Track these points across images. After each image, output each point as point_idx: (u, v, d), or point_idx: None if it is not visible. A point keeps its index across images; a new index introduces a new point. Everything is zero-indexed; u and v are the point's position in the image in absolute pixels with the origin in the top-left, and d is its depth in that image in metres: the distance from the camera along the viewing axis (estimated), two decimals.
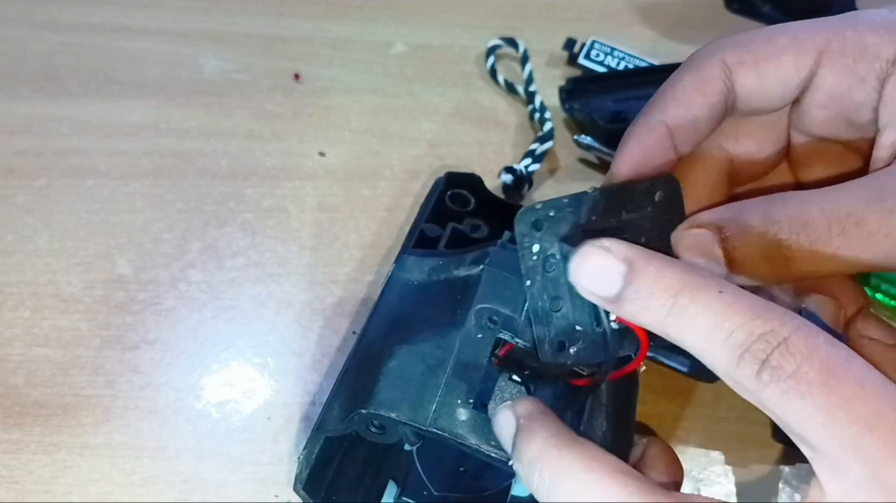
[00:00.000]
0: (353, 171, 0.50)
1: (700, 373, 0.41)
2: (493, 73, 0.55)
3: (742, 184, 0.31)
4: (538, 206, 0.26)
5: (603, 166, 0.51)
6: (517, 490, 0.35)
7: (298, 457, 0.34)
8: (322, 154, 0.51)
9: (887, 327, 0.28)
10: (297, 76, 0.54)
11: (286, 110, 0.52)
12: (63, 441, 0.39)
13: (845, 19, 0.27)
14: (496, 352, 0.32)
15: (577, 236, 0.26)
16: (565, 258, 0.26)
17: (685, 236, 0.26)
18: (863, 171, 0.27)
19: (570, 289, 0.26)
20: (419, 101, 0.54)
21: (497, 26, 0.58)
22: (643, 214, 0.26)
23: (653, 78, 0.51)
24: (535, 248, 0.26)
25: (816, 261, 0.23)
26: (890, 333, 0.28)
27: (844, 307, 0.29)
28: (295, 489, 0.35)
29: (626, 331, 0.27)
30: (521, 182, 0.48)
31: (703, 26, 0.60)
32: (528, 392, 0.34)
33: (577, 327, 0.27)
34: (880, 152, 0.26)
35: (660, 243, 0.26)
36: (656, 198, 0.26)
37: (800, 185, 0.31)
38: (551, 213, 0.26)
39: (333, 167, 0.50)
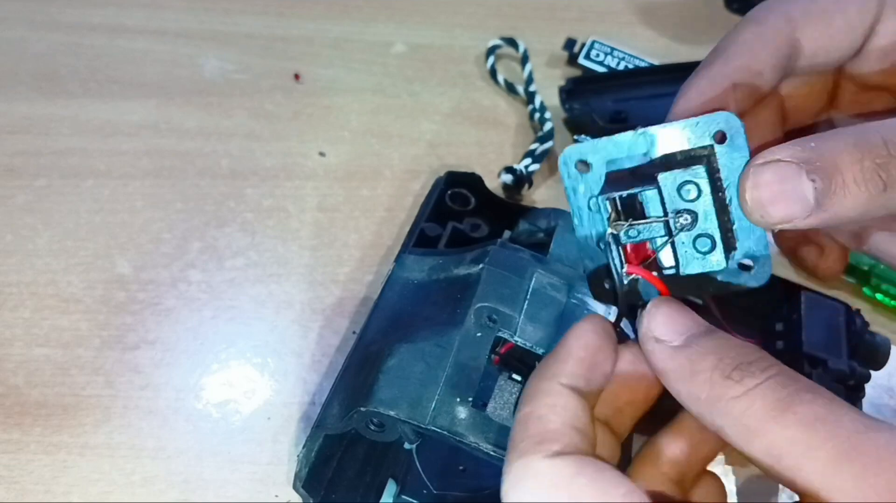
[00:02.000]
0: (353, 171, 0.50)
1: None
2: (493, 73, 0.55)
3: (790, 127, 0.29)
4: (582, 146, 0.25)
5: None
6: None
7: (298, 456, 0.34)
8: (322, 154, 0.51)
9: None
10: (297, 76, 0.54)
11: (286, 110, 0.52)
12: (63, 441, 0.39)
13: None
14: (497, 350, 0.32)
15: (625, 176, 0.25)
16: (615, 199, 0.25)
17: (762, 171, 0.22)
18: None
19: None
20: (419, 101, 0.54)
21: (497, 26, 0.58)
22: (700, 153, 0.24)
23: (653, 78, 0.52)
24: (581, 188, 0.25)
25: None
26: None
27: None
28: (294, 487, 0.35)
29: (638, 281, 0.26)
30: (521, 182, 0.48)
31: (703, 26, 0.61)
32: None
33: (626, 264, 0.26)
34: None
35: (724, 183, 0.24)
36: (714, 135, 0.24)
37: None
38: (596, 154, 0.25)
39: (333, 167, 0.50)
